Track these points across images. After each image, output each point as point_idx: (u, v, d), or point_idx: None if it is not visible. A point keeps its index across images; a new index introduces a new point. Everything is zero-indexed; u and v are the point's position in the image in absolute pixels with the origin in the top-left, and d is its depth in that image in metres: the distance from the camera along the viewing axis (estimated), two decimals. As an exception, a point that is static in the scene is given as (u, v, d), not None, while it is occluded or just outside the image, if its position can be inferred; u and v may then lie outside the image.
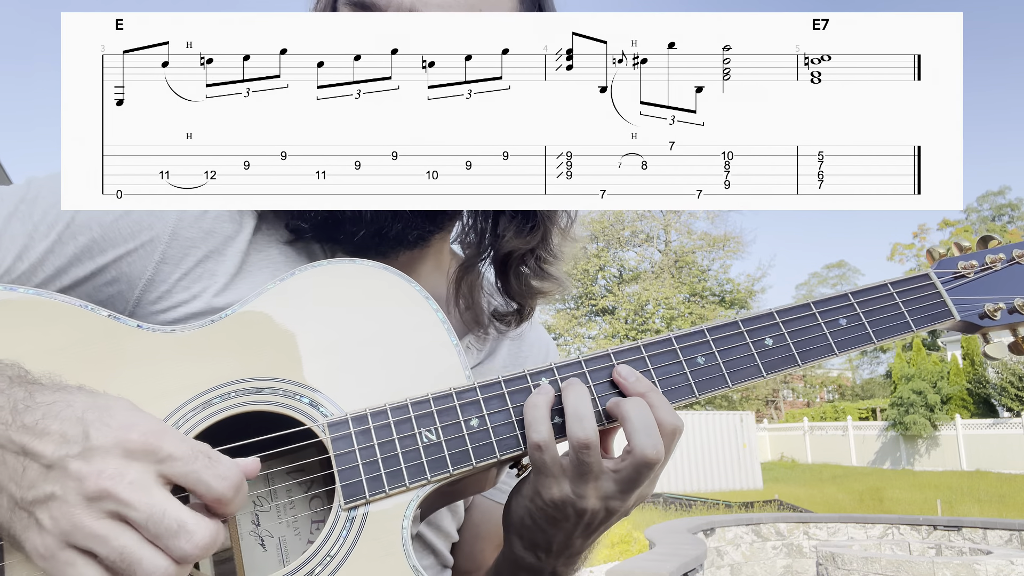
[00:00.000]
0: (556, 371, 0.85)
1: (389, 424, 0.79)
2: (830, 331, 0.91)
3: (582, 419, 0.79)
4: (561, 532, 0.85)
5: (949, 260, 0.99)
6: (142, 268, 0.86)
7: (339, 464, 0.76)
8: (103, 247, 0.85)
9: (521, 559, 0.91)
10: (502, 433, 0.81)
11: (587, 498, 0.80)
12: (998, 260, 0.98)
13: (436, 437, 0.79)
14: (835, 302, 0.92)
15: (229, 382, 0.79)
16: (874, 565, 7.49)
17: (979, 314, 0.95)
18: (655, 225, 35.38)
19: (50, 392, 0.67)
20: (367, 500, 0.75)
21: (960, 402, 31.53)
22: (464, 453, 0.79)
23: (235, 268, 0.90)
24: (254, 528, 0.82)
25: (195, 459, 0.64)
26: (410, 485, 0.77)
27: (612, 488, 0.81)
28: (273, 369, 0.81)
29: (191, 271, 0.88)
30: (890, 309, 0.93)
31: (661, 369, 0.86)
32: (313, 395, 0.80)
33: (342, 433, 0.78)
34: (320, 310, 0.84)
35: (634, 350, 0.87)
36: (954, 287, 0.96)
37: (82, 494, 0.60)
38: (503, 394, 0.83)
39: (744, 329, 0.89)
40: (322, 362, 0.82)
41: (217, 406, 0.78)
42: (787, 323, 0.90)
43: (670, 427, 0.81)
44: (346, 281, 0.86)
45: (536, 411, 0.80)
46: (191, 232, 0.89)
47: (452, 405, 0.81)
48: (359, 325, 0.84)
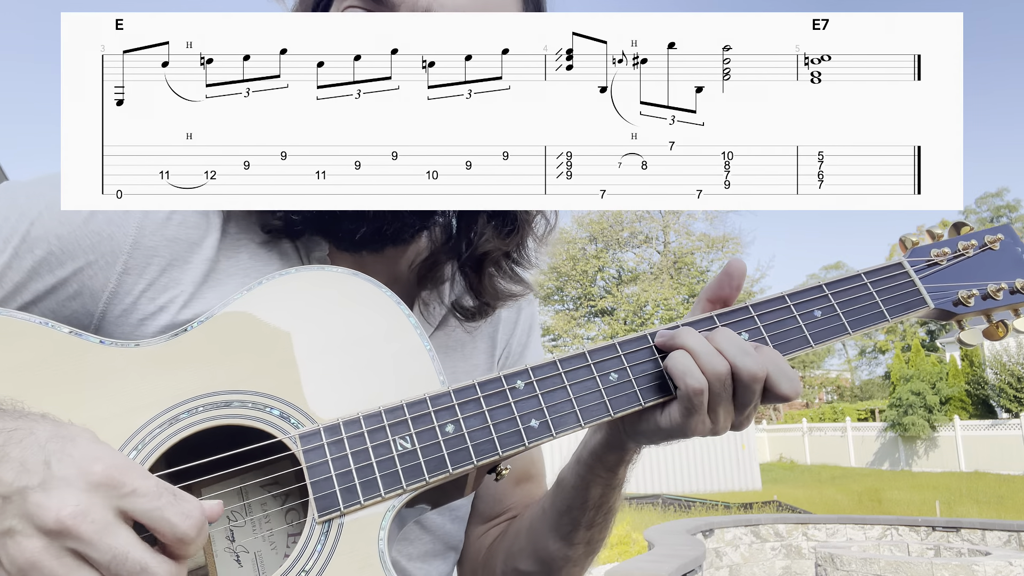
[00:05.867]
0: (532, 372, 0.83)
1: (362, 433, 0.77)
2: (805, 323, 0.90)
3: (747, 353, 0.81)
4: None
5: (922, 248, 0.99)
6: (104, 280, 0.84)
7: (312, 476, 0.74)
8: (61, 259, 0.83)
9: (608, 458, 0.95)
10: (478, 438, 0.79)
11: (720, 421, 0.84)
12: (970, 247, 0.98)
13: (411, 445, 0.77)
14: (810, 293, 0.92)
15: (196, 396, 0.77)
16: (873, 566, 7.49)
17: (953, 301, 0.95)
18: (654, 226, 35.41)
19: (12, 419, 0.64)
20: (341, 512, 0.74)
21: (959, 403, 31.54)
22: (440, 460, 0.77)
23: (202, 276, 0.88)
24: (229, 544, 0.80)
25: (159, 496, 0.61)
26: (385, 495, 0.75)
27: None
28: (242, 381, 0.78)
29: (156, 281, 0.86)
30: (864, 299, 0.93)
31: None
32: (283, 407, 0.78)
33: (314, 445, 0.76)
34: (289, 319, 0.82)
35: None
36: (927, 275, 0.97)
37: (42, 529, 0.58)
38: (478, 398, 0.81)
39: (720, 325, 0.88)
40: (292, 372, 0.80)
41: (184, 421, 0.75)
42: (762, 316, 0.90)
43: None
44: (315, 288, 0.84)
45: (686, 359, 0.81)
46: (153, 240, 0.87)
47: (427, 412, 0.79)
48: (329, 333, 0.82)
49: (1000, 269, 0.97)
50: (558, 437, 0.82)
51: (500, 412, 0.81)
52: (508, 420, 0.81)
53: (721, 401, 0.82)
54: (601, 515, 1.02)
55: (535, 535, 1.05)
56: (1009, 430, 26.87)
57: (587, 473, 0.97)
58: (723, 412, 0.83)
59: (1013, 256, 0.98)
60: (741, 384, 0.81)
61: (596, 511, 1.00)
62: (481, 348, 1.12)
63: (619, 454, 0.94)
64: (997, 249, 0.98)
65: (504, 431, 0.80)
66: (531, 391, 0.82)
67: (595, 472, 0.96)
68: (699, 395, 0.80)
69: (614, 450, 0.94)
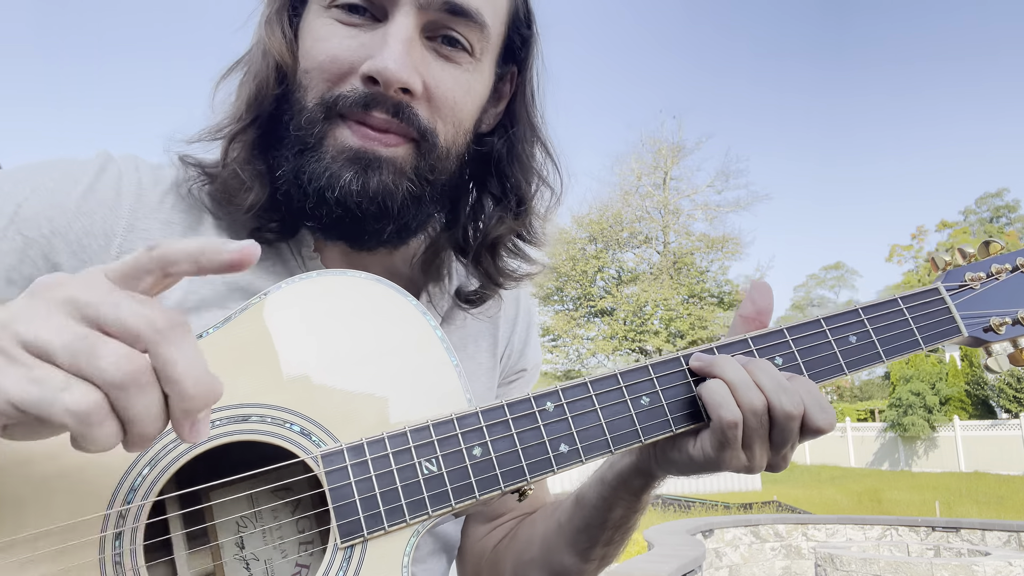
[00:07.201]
0: (562, 394, 0.80)
1: (387, 455, 0.73)
2: (840, 349, 0.88)
3: (785, 390, 0.78)
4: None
5: (956, 271, 0.97)
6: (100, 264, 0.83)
7: (334, 499, 0.71)
8: (54, 243, 0.81)
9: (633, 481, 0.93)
10: (507, 464, 0.76)
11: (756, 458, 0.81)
12: (1003, 270, 0.96)
13: (437, 468, 0.74)
14: (845, 318, 0.90)
15: (213, 409, 0.72)
16: (872, 566, 7.49)
17: (984, 328, 0.94)
18: (654, 226, 35.36)
19: None
20: (365, 538, 0.71)
21: (958, 403, 31.53)
22: (467, 486, 0.74)
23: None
24: (239, 551, 0.77)
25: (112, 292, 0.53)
26: (410, 521, 0.72)
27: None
28: (260, 393, 0.74)
29: None
30: (899, 325, 0.91)
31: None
32: (304, 423, 0.74)
33: (337, 466, 0.72)
34: (310, 328, 0.77)
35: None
36: (960, 300, 0.95)
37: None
38: (507, 420, 0.77)
39: (754, 348, 0.86)
40: (313, 385, 0.75)
41: None
42: (796, 340, 0.87)
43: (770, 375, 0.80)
44: (337, 295, 0.80)
45: (722, 390, 0.78)
46: (148, 223, 0.86)
47: (454, 434, 0.75)
48: (353, 344, 0.78)
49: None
50: (587, 462, 0.79)
51: (529, 435, 0.78)
52: (538, 444, 0.78)
53: (756, 437, 0.79)
54: (620, 534, 1.00)
55: (550, 549, 1.03)
56: (1009, 430, 26.86)
57: (611, 495, 0.95)
58: (759, 449, 0.80)
59: None
60: (777, 422, 0.79)
61: (615, 530, 0.99)
62: (484, 347, 1.12)
63: (646, 480, 0.92)
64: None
65: (533, 457, 0.77)
66: (561, 414, 0.79)
67: (619, 495, 0.94)
68: (733, 428, 0.78)
69: (641, 476, 0.92)
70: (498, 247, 1.03)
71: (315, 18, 0.89)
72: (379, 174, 0.86)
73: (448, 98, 0.89)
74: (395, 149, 0.87)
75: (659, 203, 35.16)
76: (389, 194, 0.86)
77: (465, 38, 0.89)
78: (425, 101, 0.87)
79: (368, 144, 0.86)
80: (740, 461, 0.80)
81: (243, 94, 0.90)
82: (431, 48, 0.88)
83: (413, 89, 0.85)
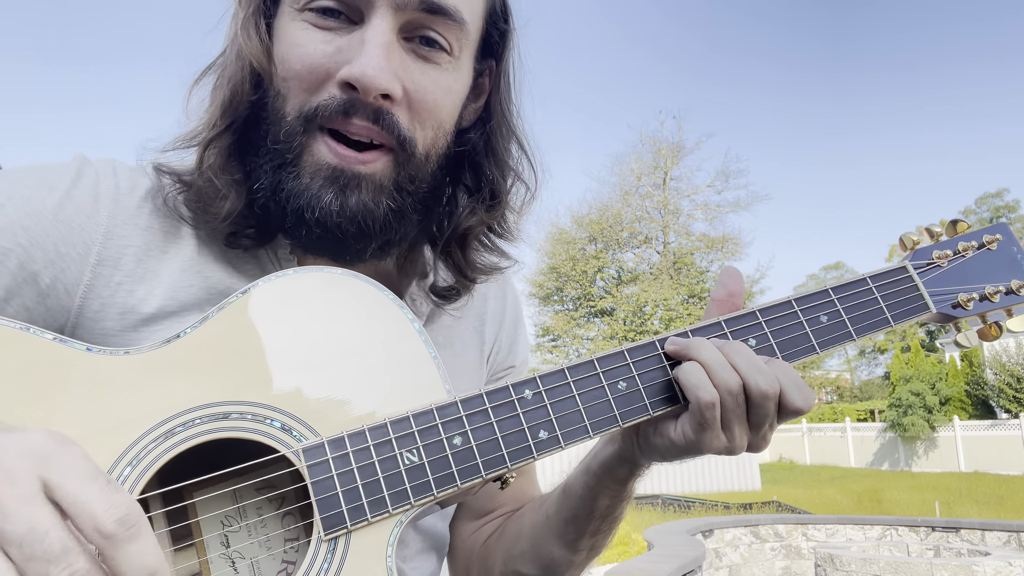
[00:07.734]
0: (540, 381, 0.81)
1: (368, 447, 0.74)
2: (812, 329, 0.89)
3: (760, 370, 0.80)
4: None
5: (923, 249, 0.99)
6: (78, 273, 0.81)
7: (317, 492, 0.71)
8: (31, 252, 0.79)
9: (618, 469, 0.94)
10: (487, 452, 0.77)
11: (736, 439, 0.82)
12: (970, 248, 0.99)
13: (418, 458, 0.75)
14: (816, 298, 0.91)
15: (192, 408, 0.72)
16: (872, 566, 7.48)
17: (952, 304, 0.95)
18: (653, 227, 35.39)
19: None
20: (348, 530, 0.71)
21: (958, 404, 31.55)
22: (448, 475, 0.75)
23: (182, 264, 0.86)
24: (224, 549, 0.77)
25: (94, 479, 0.53)
26: (393, 511, 0.73)
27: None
28: (240, 391, 0.74)
29: (133, 271, 0.84)
30: (869, 304, 0.93)
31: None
32: (285, 418, 0.74)
33: (318, 460, 0.72)
34: (289, 324, 0.78)
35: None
36: (928, 277, 0.96)
37: None
38: (486, 409, 0.78)
39: (728, 330, 0.87)
40: (293, 381, 0.76)
41: (180, 435, 0.71)
42: (769, 322, 0.89)
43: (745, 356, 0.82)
44: (316, 292, 0.80)
45: (698, 372, 0.80)
46: (126, 229, 0.85)
47: (434, 424, 0.76)
48: (331, 339, 0.78)
49: (997, 270, 0.98)
50: (567, 448, 0.80)
51: (508, 423, 0.79)
52: (517, 432, 0.78)
53: (734, 417, 0.80)
54: (607, 523, 1.01)
55: (538, 541, 1.03)
56: (1008, 430, 26.88)
57: (596, 484, 0.95)
58: (738, 429, 0.81)
59: (1009, 256, 0.99)
60: (753, 402, 0.80)
61: (602, 520, 1.00)
62: (471, 345, 1.11)
63: (630, 468, 0.93)
64: (995, 249, 0.99)
65: (513, 444, 0.78)
66: (539, 401, 0.80)
67: (604, 484, 0.95)
68: (711, 409, 0.79)
69: (626, 464, 0.92)
70: (468, 239, 1.01)
71: (289, 21, 0.86)
72: (358, 193, 0.85)
73: (428, 101, 0.87)
74: (373, 165, 0.86)
75: (659, 203, 35.21)
76: (369, 213, 0.85)
77: (444, 37, 0.87)
78: (405, 106, 0.86)
79: (345, 164, 0.84)
80: (720, 442, 0.82)
81: (217, 99, 0.88)
82: (409, 50, 0.86)
83: (393, 95, 0.83)
